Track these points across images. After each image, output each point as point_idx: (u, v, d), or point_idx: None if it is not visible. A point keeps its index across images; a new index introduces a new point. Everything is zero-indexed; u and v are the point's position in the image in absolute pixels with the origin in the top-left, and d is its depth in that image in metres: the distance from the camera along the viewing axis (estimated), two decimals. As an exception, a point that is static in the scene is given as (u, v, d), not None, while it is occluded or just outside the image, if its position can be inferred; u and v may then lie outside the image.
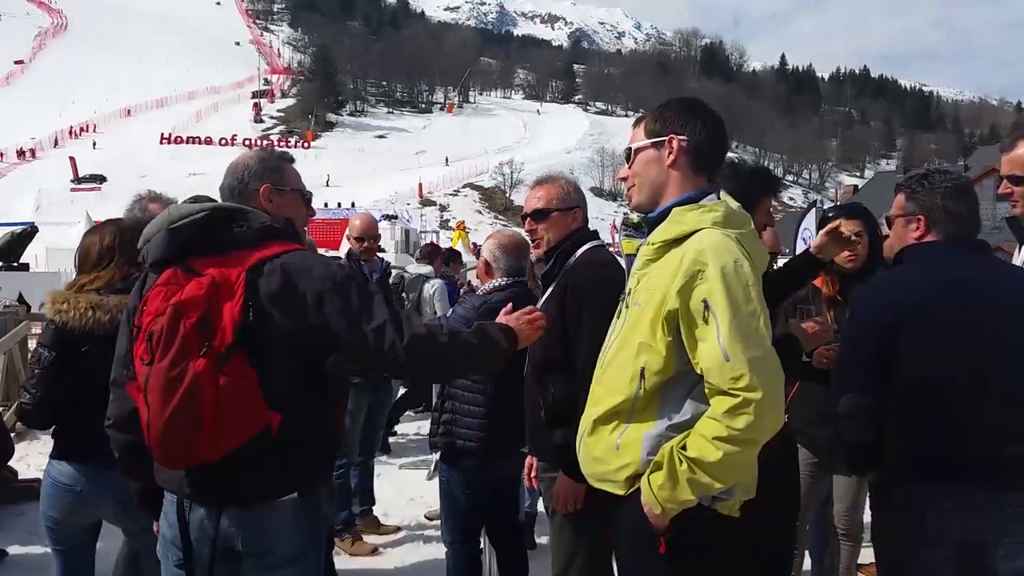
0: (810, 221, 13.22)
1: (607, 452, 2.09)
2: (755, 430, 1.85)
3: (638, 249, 2.24)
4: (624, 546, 2.21)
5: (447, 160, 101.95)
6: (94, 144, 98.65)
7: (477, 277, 3.92)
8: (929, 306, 2.40)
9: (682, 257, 2.00)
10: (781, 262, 3.95)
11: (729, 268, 1.93)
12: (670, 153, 2.16)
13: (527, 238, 3.35)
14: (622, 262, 2.73)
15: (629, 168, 2.27)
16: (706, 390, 1.94)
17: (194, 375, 1.97)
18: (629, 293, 2.19)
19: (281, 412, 2.07)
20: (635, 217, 2.39)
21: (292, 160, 2.51)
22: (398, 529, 5.44)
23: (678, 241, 2.05)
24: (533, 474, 3.21)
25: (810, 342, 3.04)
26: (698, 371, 1.96)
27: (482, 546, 3.83)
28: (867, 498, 3.23)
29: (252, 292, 2.08)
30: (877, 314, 2.46)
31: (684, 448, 1.92)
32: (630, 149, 2.26)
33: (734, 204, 2.14)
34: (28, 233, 17.49)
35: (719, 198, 2.15)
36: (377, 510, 5.50)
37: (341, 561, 4.70)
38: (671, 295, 1.97)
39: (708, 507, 1.99)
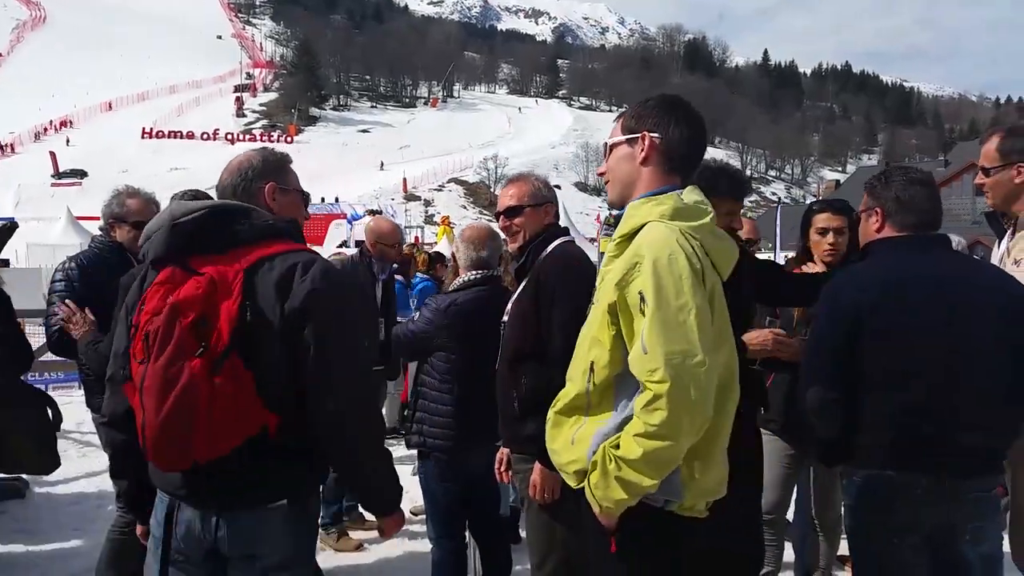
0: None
1: (564, 446, 2.08)
2: (671, 426, 1.78)
3: None
4: (588, 539, 2.19)
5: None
6: (67, 140, 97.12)
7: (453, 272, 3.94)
8: (891, 302, 2.44)
9: (628, 251, 1.99)
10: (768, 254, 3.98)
11: (662, 261, 1.88)
12: (642, 150, 2.12)
13: (496, 229, 3.38)
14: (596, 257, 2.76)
15: (606, 163, 2.26)
16: None
17: (190, 376, 1.91)
18: (596, 290, 2.18)
19: (280, 414, 2.02)
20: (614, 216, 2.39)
21: (291, 161, 2.46)
22: (384, 525, 5.42)
23: (633, 235, 2.03)
24: (503, 468, 3.24)
25: (754, 352, 3.04)
26: None
27: (467, 540, 3.85)
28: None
29: (250, 291, 2.03)
30: (841, 310, 2.49)
31: (616, 446, 1.87)
32: (607, 144, 2.25)
33: (691, 198, 2.08)
34: (8, 229, 17.24)
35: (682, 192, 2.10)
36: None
37: (326, 557, 4.72)
38: (611, 288, 1.96)
39: (662, 508, 1.95)
